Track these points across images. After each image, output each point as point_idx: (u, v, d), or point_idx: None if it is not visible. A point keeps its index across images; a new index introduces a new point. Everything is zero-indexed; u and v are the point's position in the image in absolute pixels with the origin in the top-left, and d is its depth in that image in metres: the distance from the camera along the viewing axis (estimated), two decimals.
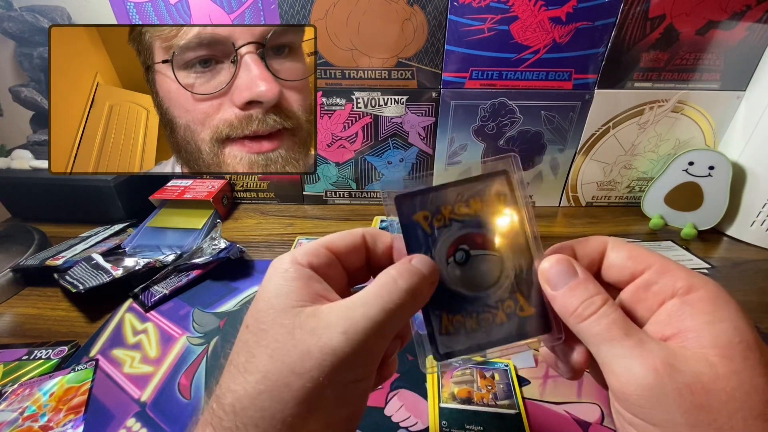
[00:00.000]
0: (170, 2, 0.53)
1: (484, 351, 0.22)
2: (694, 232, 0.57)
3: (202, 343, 0.39)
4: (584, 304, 0.19)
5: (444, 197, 0.22)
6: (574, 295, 0.20)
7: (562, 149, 0.61)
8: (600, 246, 0.22)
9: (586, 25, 0.52)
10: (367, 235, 0.24)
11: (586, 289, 0.20)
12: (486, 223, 0.22)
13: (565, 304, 0.20)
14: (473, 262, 0.22)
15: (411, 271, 0.20)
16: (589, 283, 0.20)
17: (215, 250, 0.49)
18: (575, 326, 0.19)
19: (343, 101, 0.59)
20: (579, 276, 0.20)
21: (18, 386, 0.34)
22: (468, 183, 0.22)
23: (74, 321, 0.43)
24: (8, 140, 0.63)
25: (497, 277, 0.22)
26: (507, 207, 0.22)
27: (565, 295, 0.20)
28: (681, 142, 0.60)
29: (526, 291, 0.22)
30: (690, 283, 0.18)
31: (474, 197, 0.22)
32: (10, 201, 0.62)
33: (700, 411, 0.16)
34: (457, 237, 0.22)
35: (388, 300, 0.18)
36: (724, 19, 0.51)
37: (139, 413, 0.33)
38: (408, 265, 0.20)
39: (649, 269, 0.20)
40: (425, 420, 0.31)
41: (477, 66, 0.55)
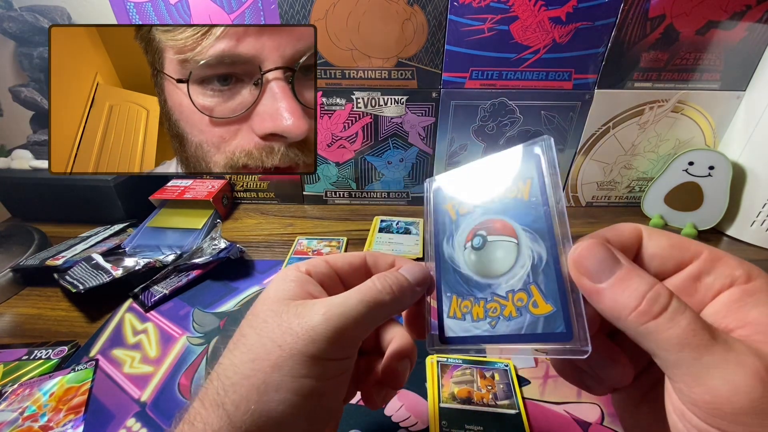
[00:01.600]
0: (170, 2, 0.53)
1: (485, 345, 0.20)
2: (694, 232, 0.57)
3: (202, 343, 0.39)
4: (648, 299, 0.15)
5: (471, 184, 0.23)
6: (629, 288, 0.16)
7: (562, 149, 0.61)
8: (635, 233, 0.19)
9: (586, 25, 0.52)
10: (369, 256, 0.25)
11: (642, 279, 0.16)
12: (507, 208, 0.21)
13: (620, 300, 0.16)
14: (489, 248, 0.21)
15: (392, 277, 0.22)
16: (641, 271, 0.16)
17: (215, 250, 0.49)
18: (638, 327, 0.15)
19: (343, 101, 0.59)
20: (625, 264, 0.17)
21: (18, 386, 0.34)
22: (496, 168, 0.22)
23: (74, 321, 0.43)
24: (8, 140, 0.63)
25: (511, 266, 0.20)
26: (531, 191, 0.20)
27: (615, 288, 0.16)
28: (681, 142, 0.60)
29: (543, 284, 0.18)
30: (748, 272, 0.16)
31: (499, 183, 0.21)
32: (10, 201, 0.62)
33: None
34: (478, 223, 0.22)
35: (367, 296, 0.20)
36: (724, 19, 0.51)
37: (139, 413, 0.33)
38: (394, 272, 0.22)
39: (698, 258, 0.17)
40: (425, 420, 0.31)
41: (477, 66, 0.55)
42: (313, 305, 0.20)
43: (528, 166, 0.20)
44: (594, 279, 0.17)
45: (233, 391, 0.18)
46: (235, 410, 0.18)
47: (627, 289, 0.16)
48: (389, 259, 0.25)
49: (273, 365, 0.18)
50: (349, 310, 0.19)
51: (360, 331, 0.20)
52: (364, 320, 0.20)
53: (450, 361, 0.36)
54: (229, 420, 0.18)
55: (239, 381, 0.19)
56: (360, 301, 0.20)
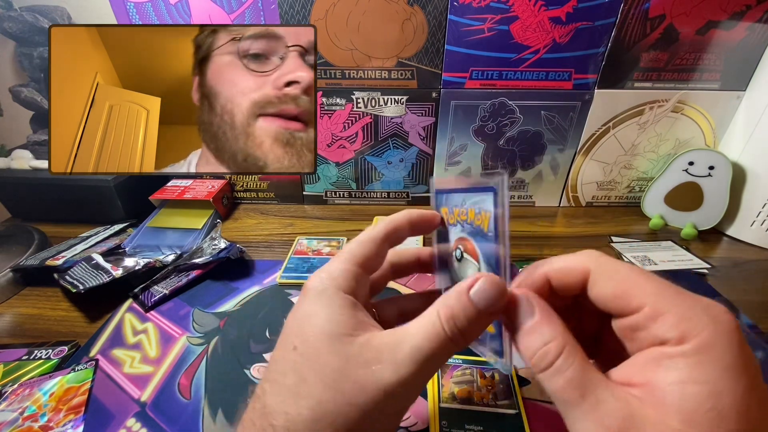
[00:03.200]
0: (170, 2, 0.53)
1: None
2: (694, 232, 0.57)
3: (202, 343, 0.39)
4: (538, 355, 0.18)
5: (455, 199, 0.24)
6: (531, 340, 0.18)
7: (562, 149, 0.61)
8: (579, 276, 0.19)
9: (586, 25, 0.52)
10: (390, 231, 0.24)
11: (540, 335, 0.18)
12: (475, 233, 0.23)
13: (522, 348, 0.19)
14: (463, 263, 0.24)
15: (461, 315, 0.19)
16: (545, 326, 0.18)
17: (215, 250, 0.49)
18: (534, 373, 0.18)
19: (343, 101, 0.59)
20: (536, 316, 0.18)
21: (18, 386, 0.34)
22: (470, 192, 0.23)
23: (74, 321, 0.43)
24: (8, 140, 0.63)
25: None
26: (489, 225, 0.21)
27: (521, 338, 0.19)
28: (681, 142, 0.60)
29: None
30: (683, 333, 0.15)
31: (471, 206, 0.23)
32: (10, 201, 0.62)
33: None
34: (457, 238, 0.24)
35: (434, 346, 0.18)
36: (724, 19, 0.51)
37: (139, 413, 0.33)
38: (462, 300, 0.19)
39: (639, 311, 0.17)
40: (425, 420, 0.31)
41: (477, 66, 0.55)
42: (380, 352, 0.19)
43: (488, 199, 0.21)
44: (514, 325, 0.19)
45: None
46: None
47: (529, 341, 0.18)
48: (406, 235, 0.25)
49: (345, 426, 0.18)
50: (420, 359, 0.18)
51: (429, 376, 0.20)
52: (433, 365, 0.19)
53: (450, 361, 0.36)
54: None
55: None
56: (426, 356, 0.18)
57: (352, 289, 0.21)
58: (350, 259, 0.22)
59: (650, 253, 0.52)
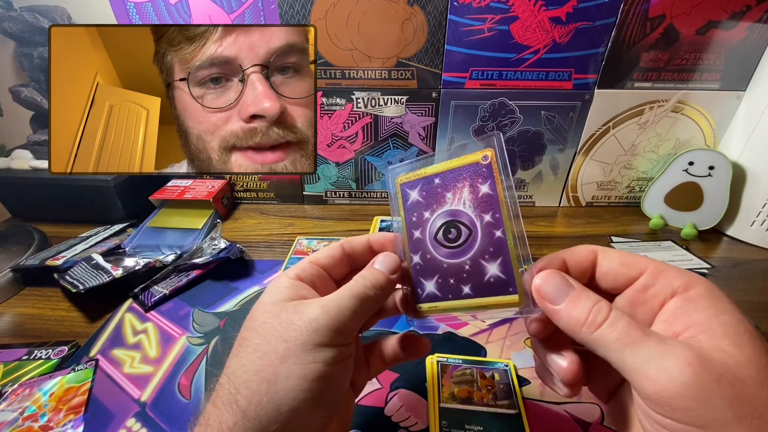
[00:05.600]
0: (170, 2, 0.53)
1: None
2: (694, 232, 0.57)
3: (202, 343, 0.39)
4: (593, 313, 0.19)
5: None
6: (579, 306, 0.20)
7: (562, 149, 0.61)
8: (590, 255, 0.22)
9: (586, 25, 0.52)
10: (345, 244, 0.26)
11: (588, 297, 0.20)
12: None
13: (573, 316, 0.20)
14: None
15: (371, 276, 0.23)
16: (588, 291, 0.20)
17: (215, 250, 0.49)
18: (588, 336, 0.19)
19: (343, 101, 0.59)
20: (575, 287, 0.20)
21: (18, 386, 0.34)
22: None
23: (74, 321, 0.43)
24: (8, 140, 0.63)
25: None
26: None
27: (569, 308, 0.20)
28: (681, 142, 0.60)
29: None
30: (686, 281, 0.19)
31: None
32: (10, 201, 0.62)
33: (741, 402, 0.15)
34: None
35: (356, 291, 0.22)
36: (724, 19, 0.51)
37: (139, 413, 0.33)
38: (372, 270, 0.24)
39: (644, 273, 0.20)
40: (425, 420, 0.31)
41: (477, 66, 0.55)
42: (310, 303, 0.22)
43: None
44: (553, 301, 0.20)
45: (245, 388, 0.20)
46: (248, 404, 0.19)
47: (577, 308, 0.20)
48: (363, 240, 0.27)
49: (281, 357, 0.20)
50: (343, 302, 0.21)
51: (355, 320, 0.22)
52: (357, 311, 0.22)
53: (450, 361, 0.36)
54: (244, 414, 0.19)
55: (249, 378, 0.20)
56: (351, 296, 0.22)
57: (302, 277, 0.24)
58: (307, 258, 0.26)
59: (650, 253, 0.52)
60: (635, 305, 0.20)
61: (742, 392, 0.15)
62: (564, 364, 0.21)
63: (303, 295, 0.23)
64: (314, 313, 0.21)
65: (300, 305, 0.21)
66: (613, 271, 0.21)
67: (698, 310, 0.18)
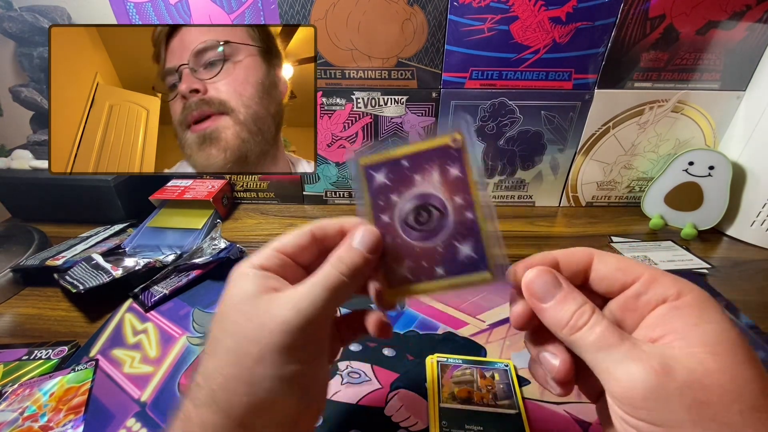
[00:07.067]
0: (170, 2, 0.53)
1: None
2: (694, 232, 0.57)
3: (202, 343, 0.39)
4: (576, 315, 0.20)
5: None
6: (564, 308, 0.20)
7: (562, 149, 0.61)
8: (586, 258, 0.22)
9: (586, 25, 0.52)
10: (316, 230, 0.25)
11: (575, 300, 0.20)
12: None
13: (557, 317, 0.20)
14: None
15: (347, 258, 0.22)
16: (576, 294, 0.21)
17: (215, 250, 0.49)
18: (569, 337, 0.20)
19: (343, 101, 0.59)
20: (564, 288, 0.21)
21: (18, 386, 0.34)
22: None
23: (74, 321, 0.43)
24: (8, 140, 0.63)
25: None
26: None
27: (555, 308, 0.20)
28: (681, 142, 0.60)
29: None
30: (679, 290, 0.19)
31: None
32: (10, 201, 0.62)
33: (701, 407, 0.16)
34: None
35: (329, 282, 0.21)
36: (724, 19, 0.51)
37: (139, 413, 0.33)
38: (347, 251, 0.23)
39: (639, 280, 0.20)
40: (425, 420, 0.31)
41: (477, 66, 0.55)
42: (280, 299, 0.21)
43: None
44: (540, 299, 0.21)
45: (224, 390, 0.20)
46: (230, 406, 0.20)
47: (563, 309, 0.20)
48: (336, 226, 0.25)
49: (255, 361, 0.20)
50: (315, 298, 0.21)
51: (328, 315, 0.22)
52: (331, 305, 0.21)
53: (450, 361, 0.36)
54: (226, 414, 0.20)
55: (226, 382, 0.20)
56: (324, 288, 0.21)
57: (267, 267, 0.23)
58: (271, 245, 0.24)
59: (650, 253, 0.52)
60: (625, 311, 0.21)
61: (704, 398, 0.16)
62: (556, 363, 0.21)
63: (272, 287, 0.22)
64: (286, 315, 0.20)
65: (270, 303, 0.21)
66: (609, 276, 0.21)
67: (681, 318, 0.18)
